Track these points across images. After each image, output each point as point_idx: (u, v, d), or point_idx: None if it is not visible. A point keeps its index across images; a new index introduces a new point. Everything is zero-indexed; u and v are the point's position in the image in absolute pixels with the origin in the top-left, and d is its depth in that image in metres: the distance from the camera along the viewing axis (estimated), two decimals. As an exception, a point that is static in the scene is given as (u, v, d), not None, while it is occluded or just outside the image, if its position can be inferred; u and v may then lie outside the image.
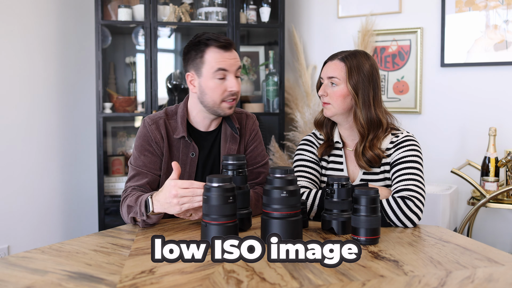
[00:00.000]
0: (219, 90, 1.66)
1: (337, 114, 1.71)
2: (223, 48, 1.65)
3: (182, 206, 1.44)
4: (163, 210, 1.48)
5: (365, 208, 1.34)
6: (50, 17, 3.13)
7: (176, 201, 1.43)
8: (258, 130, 1.86)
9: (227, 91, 1.66)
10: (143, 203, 1.51)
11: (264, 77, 3.35)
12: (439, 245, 1.37)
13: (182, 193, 1.42)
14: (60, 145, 3.22)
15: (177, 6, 3.08)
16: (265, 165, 1.83)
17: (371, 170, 1.72)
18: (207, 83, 1.66)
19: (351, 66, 1.67)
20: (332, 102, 1.70)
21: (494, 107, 2.88)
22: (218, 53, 1.64)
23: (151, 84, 3.01)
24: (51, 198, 3.18)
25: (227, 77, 1.66)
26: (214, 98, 1.67)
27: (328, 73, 1.70)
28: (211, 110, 1.70)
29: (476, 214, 2.74)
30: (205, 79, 1.66)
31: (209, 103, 1.68)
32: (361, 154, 1.70)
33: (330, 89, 1.70)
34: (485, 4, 2.86)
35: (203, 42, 1.65)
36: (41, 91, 3.09)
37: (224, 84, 1.66)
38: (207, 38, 1.65)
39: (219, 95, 1.66)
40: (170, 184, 1.44)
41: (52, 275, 1.13)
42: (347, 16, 3.31)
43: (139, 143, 1.71)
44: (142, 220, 1.55)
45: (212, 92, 1.66)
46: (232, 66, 1.66)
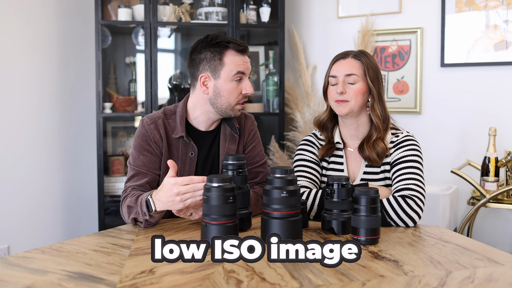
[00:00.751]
0: (236, 93, 1.69)
1: (353, 111, 1.73)
2: (241, 51, 1.68)
3: (185, 202, 1.45)
4: (165, 209, 1.49)
5: (365, 208, 1.34)
6: (50, 17, 3.13)
7: (178, 198, 1.44)
8: (256, 131, 1.88)
9: (242, 93, 1.70)
10: (143, 203, 1.51)
11: (264, 77, 3.35)
12: (439, 245, 1.37)
13: (183, 190, 1.43)
14: (60, 145, 3.23)
15: (177, 6, 3.08)
16: (263, 165, 1.84)
17: (378, 162, 1.72)
18: (224, 86, 1.68)
19: (367, 64, 1.72)
20: (351, 99, 1.71)
21: (494, 107, 2.88)
22: (237, 56, 1.67)
23: (151, 84, 3.01)
24: (51, 198, 3.18)
25: (243, 80, 1.70)
26: (230, 100, 1.69)
27: (346, 70, 1.72)
28: (222, 111, 1.71)
29: (476, 214, 2.74)
30: (223, 82, 1.68)
31: (223, 105, 1.70)
32: (372, 147, 1.72)
33: (348, 86, 1.72)
34: (485, 4, 2.86)
35: (223, 45, 1.67)
36: (41, 91, 3.09)
37: (240, 87, 1.69)
38: (227, 41, 1.67)
39: (235, 98, 1.69)
40: (170, 182, 1.44)
41: (52, 275, 1.13)
42: (347, 16, 3.31)
43: (138, 143, 1.71)
44: (144, 220, 1.55)
45: (229, 94, 1.68)
46: (248, 69, 1.71)
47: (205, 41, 1.69)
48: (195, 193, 1.43)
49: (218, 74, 1.68)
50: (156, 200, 1.49)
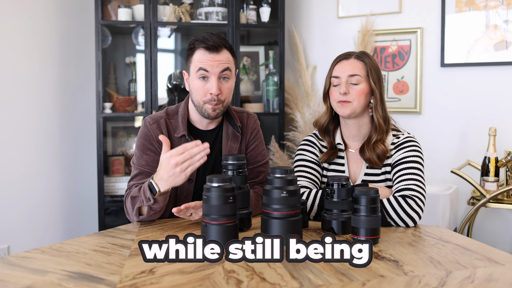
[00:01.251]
0: (201, 91, 1.68)
1: (355, 112, 1.72)
2: (208, 49, 1.66)
3: (186, 172, 1.46)
4: (169, 185, 1.49)
5: (365, 208, 1.34)
6: (50, 17, 3.13)
7: (178, 169, 1.45)
8: (259, 130, 1.88)
9: (209, 93, 1.67)
10: (146, 188, 1.53)
11: (264, 77, 3.35)
12: (439, 245, 1.37)
13: (180, 159, 1.44)
14: (60, 145, 3.22)
15: (177, 6, 3.08)
16: (265, 164, 1.84)
17: (379, 164, 1.72)
18: (192, 83, 1.71)
19: (369, 65, 1.72)
20: (354, 100, 1.71)
21: (494, 107, 2.88)
22: (202, 54, 1.67)
23: (151, 84, 3.01)
24: (51, 198, 3.18)
25: (209, 79, 1.67)
26: (198, 98, 1.70)
27: (349, 71, 1.71)
28: (198, 110, 1.72)
29: (476, 214, 2.74)
30: (191, 78, 1.71)
31: (195, 103, 1.72)
32: (372, 149, 1.71)
33: (351, 87, 1.72)
34: (485, 4, 2.86)
35: (193, 43, 1.70)
36: (41, 91, 3.09)
37: (207, 86, 1.67)
38: (197, 39, 1.69)
39: (201, 96, 1.68)
40: (166, 156, 1.46)
41: (52, 275, 1.13)
42: (347, 16, 3.31)
43: (141, 142, 1.73)
44: (148, 208, 1.56)
45: (195, 92, 1.70)
46: (214, 67, 1.66)
47: (193, 39, 1.73)
48: (192, 160, 1.44)
49: (189, 71, 1.72)
50: (158, 181, 1.50)
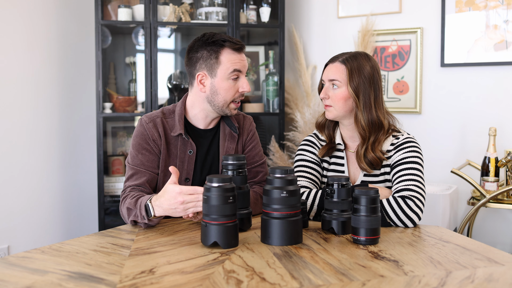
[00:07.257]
0: (232, 91, 1.70)
1: (338, 117, 1.73)
2: (237, 50, 1.69)
3: (187, 210, 1.46)
4: (165, 214, 1.49)
5: (365, 208, 1.34)
6: (50, 17, 3.13)
7: (182, 207, 1.45)
8: (255, 131, 1.90)
9: (239, 91, 1.71)
10: (143, 208, 1.51)
11: (264, 77, 3.35)
12: (439, 245, 1.37)
13: (188, 199, 1.44)
14: (60, 145, 3.22)
15: (177, 6, 3.08)
16: (262, 164, 1.86)
17: (372, 172, 1.72)
18: (221, 84, 1.69)
19: (352, 68, 1.68)
20: (334, 105, 1.70)
21: (494, 107, 2.88)
22: (233, 55, 1.68)
23: (151, 84, 3.01)
24: (51, 198, 3.18)
25: (239, 78, 1.71)
26: (226, 98, 1.70)
27: (329, 75, 1.71)
28: (219, 109, 1.72)
29: (476, 214, 2.74)
30: (219, 80, 1.69)
31: (219, 103, 1.71)
32: (362, 156, 1.70)
33: (332, 92, 1.71)
34: (485, 4, 2.86)
35: (219, 43, 1.67)
36: (41, 91, 3.09)
37: (237, 85, 1.71)
38: (223, 40, 1.67)
39: (231, 96, 1.70)
40: (175, 190, 1.44)
41: (52, 275, 1.13)
42: (347, 16, 3.31)
43: (137, 141, 1.72)
44: (143, 223, 1.55)
45: (225, 92, 1.69)
46: (245, 67, 1.72)
47: (201, 39, 1.71)
48: (198, 203, 1.44)
49: (214, 72, 1.69)
50: (156, 206, 1.49)
